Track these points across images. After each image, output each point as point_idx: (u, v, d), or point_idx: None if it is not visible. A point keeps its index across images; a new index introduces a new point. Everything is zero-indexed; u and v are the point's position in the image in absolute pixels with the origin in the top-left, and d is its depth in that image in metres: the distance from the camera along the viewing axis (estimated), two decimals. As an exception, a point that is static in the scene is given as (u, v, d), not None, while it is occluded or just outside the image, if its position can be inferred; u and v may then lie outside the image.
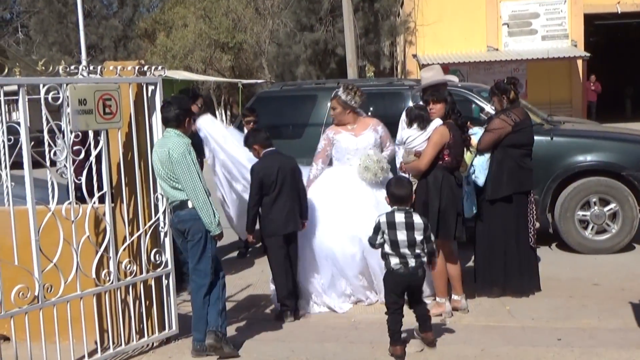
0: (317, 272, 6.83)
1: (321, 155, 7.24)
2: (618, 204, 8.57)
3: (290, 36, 27.18)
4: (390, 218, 5.40)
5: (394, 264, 5.38)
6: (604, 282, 7.41)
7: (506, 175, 6.98)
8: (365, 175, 6.90)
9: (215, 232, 5.47)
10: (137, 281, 5.66)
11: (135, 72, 5.55)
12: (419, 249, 5.38)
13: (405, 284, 5.40)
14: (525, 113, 7.31)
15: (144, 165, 5.69)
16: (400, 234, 5.35)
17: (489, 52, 25.73)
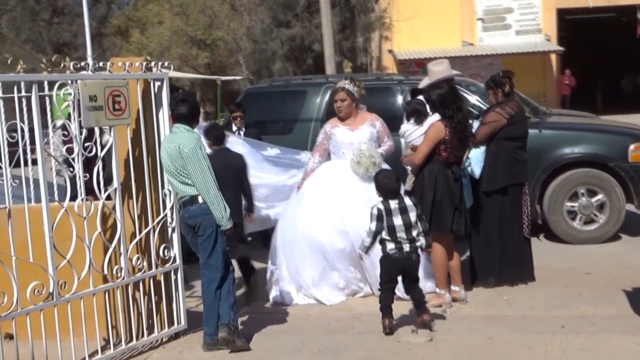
0: (308, 265, 6.87)
1: (319, 149, 7.30)
2: (605, 195, 8.73)
3: (267, 32, 27.11)
4: (386, 205, 5.69)
5: (389, 248, 5.67)
6: (595, 271, 7.55)
7: (501, 168, 7.08)
8: (357, 169, 6.96)
9: (226, 227, 5.49)
10: (147, 277, 5.66)
11: (142, 69, 5.55)
12: (414, 232, 5.68)
13: (400, 267, 5.71)
14: (519, 106, 7.41)
15: (152, 161, 5.68)
16: (397, 219, 5.65)
17: (464, 47, 25.95)
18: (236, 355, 5.54)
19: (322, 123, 9.23)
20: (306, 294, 6.90)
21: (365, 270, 6.86)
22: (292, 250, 6.92)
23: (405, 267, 5.74)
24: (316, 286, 6.88)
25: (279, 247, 7.03)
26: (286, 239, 6.99)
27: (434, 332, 5.75)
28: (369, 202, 6.85)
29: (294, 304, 6.87)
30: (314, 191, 7.10)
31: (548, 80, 26.46)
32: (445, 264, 6.62)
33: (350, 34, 27.77)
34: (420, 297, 5.82)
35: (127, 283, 5.51)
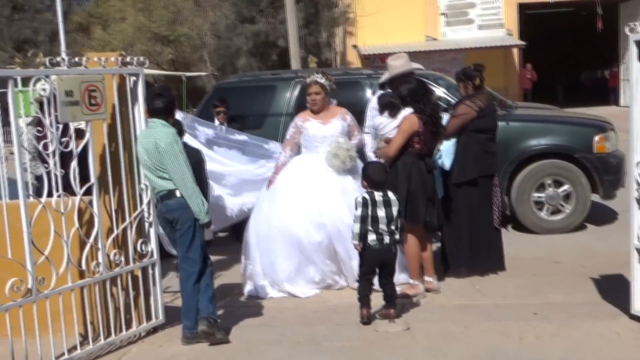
0: (283, 260, 6.87)
1: (289, 142, 7.32)
2: (571, 185, 8.89)
3: (231, 28, 27.01)
4: (371, 196, 5.82)
5: (370, 239, 5.79)
6: (563, 260, 7.70)
7: (471, 159, 7.18)
8: (333, 162, 7.00)
9: (204, 220, 5.50)
10: (125, 272, 5.65)
11: (118, 63, 5.53)
12: (394, 226, 5.82)
13: (380, 258, 5.84)
14: (489, 99, 7.53)
15: (128, 156, 5.67)
16: (380, 211, 5.79)
17: (428, 42, 26.17)
18: (216, 348, 5.56)
19: (291, 117, 9.27)
20: (280, 290, 6.94)
21: (342, 262, 6.90)
22: (267, 246, 6.93)
23: (384, 259, 5.87)
24: (291, 281, 6.90)
25: (252, 243, 7.02)
26: (260, 235, 6.98)
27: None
28: (343, 194, 6.93)
29: (268, 298, 6.90)
30: (288, 185, 7.12)
31: (510, 74, 26.81)
32: (418, 255, 6.71)
33: (315, 30, 27.79)
34: (393, 293, 5.96)
35: (105, 278, 5.50)
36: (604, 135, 8.96)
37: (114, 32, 30.28)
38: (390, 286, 5.97)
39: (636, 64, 5.44)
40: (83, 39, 33.99)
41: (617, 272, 6.81)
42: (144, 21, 29.02)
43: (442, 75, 10.35)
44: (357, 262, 6.38)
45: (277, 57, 26.56)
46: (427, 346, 5.38)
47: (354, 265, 6.69)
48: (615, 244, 7.92)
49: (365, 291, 5.91)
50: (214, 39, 28.69)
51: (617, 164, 8.94)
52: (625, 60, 27.35)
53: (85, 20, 35.87)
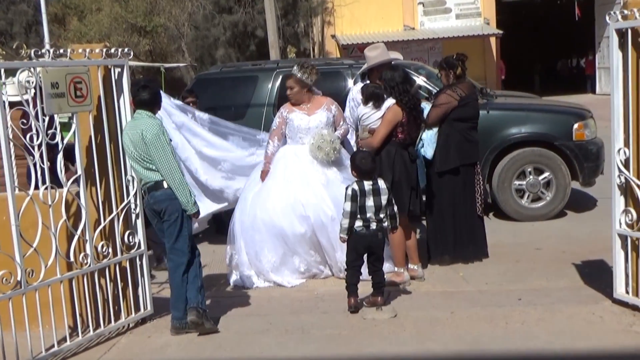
0: (268, 250, 6.91)
1: (276, 132, 7.33)
2: (552, 173, 8.99)
3: (209, 19, 26.84)
4: (360, 186, 5.86)
5: (357, 226, 5.84)
6: (545, 247, 7.81)
7: (453, 148, 7.24)
8: (317, 154, 7.03)
9: (192, 211, 5.52)
10: (112, 263, 5.66)
11: (103, 55, 5.51)
12: (382, 214, 5.87)
13: (367, 243, 5.87)
14: (471, 87, 7.58)
15: (114, 147, 5.67)
16: (369, 200, 5.83)
17: (406, 32, 26.20)
18: (205, 338, 5.59)
19: (273, 108, 9.33)
20: (266, 279, 6.98)
21: (325, 253, 6.95)
22: (252, 236, 6.96)
23: (371, 245, 5.89)
24: (276, 271, 6.94)
25: (237, 233, 7.06)
26: (245, 225, 7.01)
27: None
28: (327, 186, 6.96)
29: (254, 287, 6.94)
30: (272, 177, 7.14)
31: (488, 63, 26.93)
32: (403, 243, 6.76)
33: (293, 20, 27.71)
34: (381, 281, 6.00)
35: (93, 270, 5.50)
36: (583, 123, 9.07)
37: (90, 22, 29.95)
38: (379, 274, 6.01)
39: (616, 52, 5.51)
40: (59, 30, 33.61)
41: (598, 258, 6.93)
42: (120, 11, 28.75)
43: (423, 64, 10.43)
44: (340, 253, 6.53)
45: (256, 47, 26.45)
46: (415, 332, 5.44)
47: (337, 257, 6.78)
48: (595, 230, 8.07)
49: (353, 280, 5.95)
50: (191, 29, 28.52)
51: (597, 151, 9.05)
52: (601, 48, 27.59)
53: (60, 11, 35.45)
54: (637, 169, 5.41)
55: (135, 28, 29.14)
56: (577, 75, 31.52)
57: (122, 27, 28.74)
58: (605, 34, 23.83)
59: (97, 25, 29.10)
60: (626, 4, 5.53)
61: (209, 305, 6.01)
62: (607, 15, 5.56)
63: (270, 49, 21.43)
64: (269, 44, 21.54)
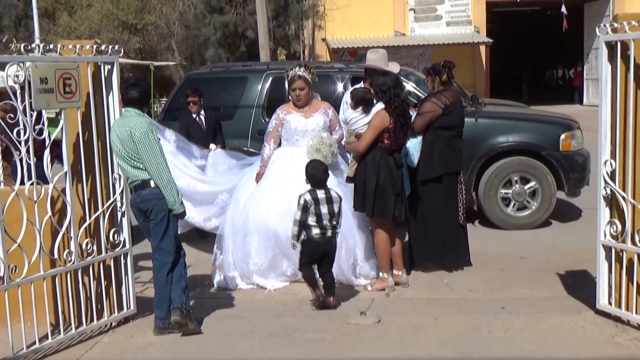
0: (257, 253, 6.87)
1: (273, 134, 7.28)
2: (537, 182, 9.02)
3: (200, 18, 26.79)
4: (313, 195, 6.15)
5: (314, 233, 6.13)
6: (529, 256, 7.83)
7: (437, 156, 7.25)
8: (314, 156, 6.96)
9: (178, 211, 5.50)
10: (96, 261, 5.63)
11: (93, 51, 5.48)
12: (336, 221, 6.19)
13: (322, 250, 6.19)
14: (456, 95, 7.59)
15: (102, 145, 5.64)
16: (323, 208, 6.12)
17: (396, 37, 26.24)
18: (188, 338, 5.57)
19: (262, 110, 9.33)
20: (250, 282, 6.95)
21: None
22: (242, 238, 6.92)
23: (326, 250, 6.21)
24: (261, 274, 6.91)
25: (227, 233, 7.00)
26: (236, 226, 6.97)
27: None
28: None
29: (238, 289, 6.92)
30: (266, 178, 7.10)
31: (477, 71, 27.01)
32: (388, 248, 6.77)
33: (284, 22, 27.71)
34: (332, 282, 6.27)
35: (77, 267, 5.46)
36: (570, 134, 9.11)
37: (80, 18, 29.81)
38: (329, 275, 6.27)
39: (606, 64, 5.54)
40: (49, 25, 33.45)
41: (581, 268, 6.96)
42: (111, 8, 28.65)
43: (413, 70, 10.43)
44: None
45: (246, 48, 26.42)
46: (398, 338, 5.44)
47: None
48: (580, 240, 8.12)
49: (310, 274, 6.25)
50: (182, 28, 28.47)
51: (583, 162, 9.09)
52: (589, 59, 27.76)
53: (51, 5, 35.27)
54: (623, 180, 5.43)
55: (125, 25, 29.08)
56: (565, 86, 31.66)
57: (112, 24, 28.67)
58: (594, 45, 24.08)
59: (87, 21, 28.99)
60: (616, 17, 5.57)
61: (193, 306, 5.99)
62: (597, 28, 5.59)
63: (260, 51, 21.42)
64: (259, 45, 21.53)
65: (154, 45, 32.43)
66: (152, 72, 20.67)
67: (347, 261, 6.85)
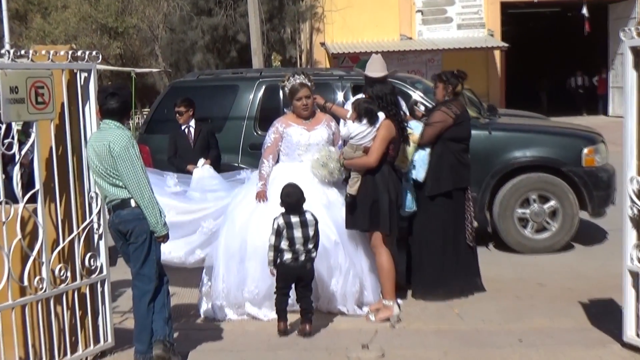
0: (252, 281, 6.83)
1: (271, 150, 7.25)
2: (558, 201, 9.03)
3: (186, 21, 26.95)
4: (287, 219, 6.34)
5: (286, 258, 6.34)
6: (549, 282, 7.83)
7: (446, 170, 7.29)
8: (320, 172, 6.96)
9: (160, 233, 5.51)
10: (70, 289, 5.62)
11: (68, 58, 5.51)
12: (311, 245, 6.36)
13: (296, 274, 6.38)
14: (463, 106, 7.66)
15: (77, 160, 5.66)
16: (297, 232, 6.31)
17: (403, 41, 26.35)
18: (171, 375, 5.57)
19: (255, 122, 9.35)
20: (241, 312, 6.93)
21: (320, 282, 6.79)
22: (238, 264, 6.87)
23: (299, 275, 6.39)
24: (255, 303, 6.89)
25: (219, 258, 6.97)
26: (231, 251, 6.92)
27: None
28: (329, 207, 6.93)
29: (227, 320, 6.90)
30: (266, 200, 7.07)
31: (491, 78, 27.09)
32: (393, 271, 6.77)
33: (278, 25, 27.86)
34: (308, 307, 6.43)
35: (49, 296, 5.45)
36: (593, 148, 9.14)
37: (55, 21, 30.00)
38: (306, 300, 6.41)
39: (631, 71, 5.56)
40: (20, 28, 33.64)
41: (607, 296, 6.95)
42: (89, 10, 28.81)
43: (420, 78, 10.47)
44: (336, 280, 6.70)
45: (237, 53, 26.56)
46: (404, 374, 5.44)
47: (332, 284, 6.78)
48: (605, 265, 8.12)
49: (282, 305, 6.43)
50: (166, 32, 28.62)
51: (607, 178, 9.11)
52: (614, 66, 27.82)
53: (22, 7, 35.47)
54: (651, 200, 5.45)
55: (105, 29, 29.23)
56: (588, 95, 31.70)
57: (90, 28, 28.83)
58: (620, 50, 24.11)
59: (62, 25, 29.15)
60: (642, 19, 5.60)
61: (177, 338, 5.99)
62: (621, 32, 5.61)
63: (252, 56, 21.50)
64: (251, 50, 21.61)
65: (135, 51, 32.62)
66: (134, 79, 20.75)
67: (353, 288, 6.84)
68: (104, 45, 27.77)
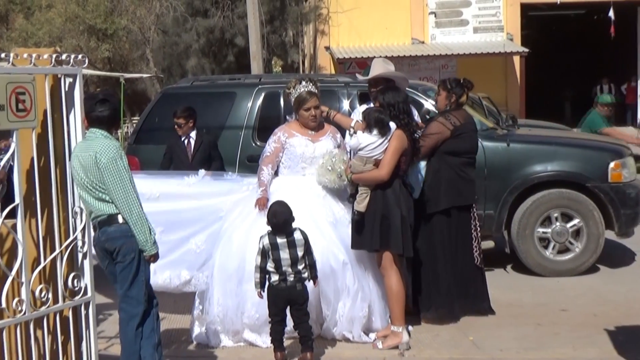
0: (253, 304, 6.77)
1: (271, 159, 7.26)
2: (582, 220, 9.05)
3: (180, 22, 27.06)
4: (272, 240, 6.34)
5: (273, 280, 6.36)
6: (572, 308, 7.85)
7: (444, 186, 7.32)
8: (329, 177, 6.95)
9: (150, 252, 5.52)
10: (52, 312, 5.61)
11: (52, 61, 5.52)
12: (301, 266, 6.34)
13: (285, 297, 6.37)
14: (467, 117, 7.63)
15: (61, 172, 5.66)
16: (283, 253, 6.30)
17: (414, 46, 26.37)
18: (160, 406, 5.57)
19: (253, 132, 9.38)
20: (237, 339, 6.92)
21: (325, 305, 6.83)
22: (237, 286, 6.85)
23: (290, 297, 6.37)
24: (256, 330, 6.87)
25: (215, 279, 6.96)
26: (229, 272, 6.90)
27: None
28: (336, 225, 6.94)
29: (222, 346, 6.90)
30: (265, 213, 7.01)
31: (511, 86, 27.06)
32: (403, 294, 6.78)
33: (280, 27, 27.94)
34: (307, 334, 6.40)
35: (29, 319, 5.45)
36: (620, 162, 9.16)
37: (39, 21, 30.16)
38: (304, 326, 6.37)
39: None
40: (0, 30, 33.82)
41: (634, 323, 6.98)
42: (76, 10, 28.94)
43: (433, 85, 10.49)
44: (343, 303, 6.70)
45: (234, 58, 26.63)
46: (414, 407, 5.44)
47: (339, 308, 6.78)
48: (633, 290, 8.14)
49: (277, 335, 6.42)
50: (158, 34, 28.73)
51: (636, 195, 9.13)
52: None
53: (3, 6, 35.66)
54: (683, 219, 5.45)
55: (93, 30, 29.34)
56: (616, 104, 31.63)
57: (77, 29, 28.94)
58: (651, 56, 24.13)
59: (47, 25, 29.27)
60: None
61: (167, 366, 6.00)
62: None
63: (251, 61, 21.54)
64: (250, 54, 21.66)
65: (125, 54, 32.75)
66: (123, 85, 20.79)
67: (360, 313, 6.84)
68: (91, 48, 27.91)
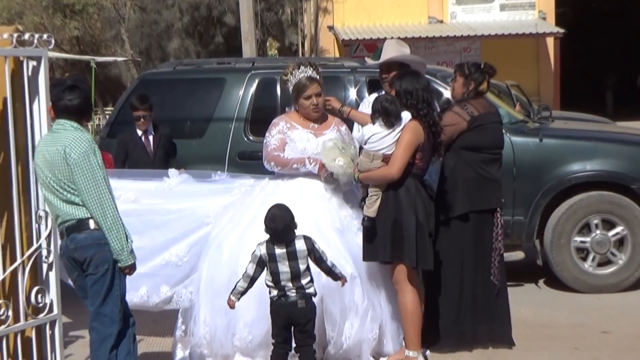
0: (246, 323, 6.78)
1: (278, 152, 7.17)
2: (626, 227, 9.01)
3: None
4: (270, 250, 6.19)
5: (272, 295, 6.24)
6: (614, 330, 7.83)
7: (461, 187, 7.22)
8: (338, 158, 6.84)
9: (126, 263, 5.51)
10: (12, 331, 5.63)
11: (13, 42, 5.53)
12: (305, 280, 6.18)
13: (285, 314, 6.22)
14: (488, 106, 7.51)
15: (22, 170, 5.68)
16: (282, 266, 6.15)
17: (432, 25, 26.41)
18: None
19: (245, 124, 9.36)
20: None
21: (330, 322, 6.76)
22: (225, 304, 6.85)
23: (290, 315, 6.22)
24: (248, 353, 6.85)
25: (201, 294, 6.94)
26: (217, 285, 6.84)
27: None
28: (344, 234, 6.92)
29: None
30: (260, 219, 6.95)
31: (543, 72, 27.07)
32: (419, 315, 6.73)
33: (276, 4, 27.98)
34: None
35: (-15, 340, 5.48)
36: (672, 161, 9.15)
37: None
38: (306, 350, 6.25)
39: None
40: (-48, 5, 33.90)
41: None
42: (38, -18, 29.07)
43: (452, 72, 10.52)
44: (350, 323, 6.66)
45: (223, 39, 26.71)
46: None
47: (345, 328, 6.75)
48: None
49: (276, 357, 6.29)
50: (135, 11, 28.78)
51: (690, 199, 9.11)
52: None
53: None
54: None
55: (58, 6, 29.38)
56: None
57: (40, 4, 28.96)
58: None
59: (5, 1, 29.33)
60: None
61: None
62: None
63: (243, 42, 21.59)
64: (241, 35, 21.70)
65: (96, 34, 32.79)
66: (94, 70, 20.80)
67: (370, 334, 6.83)
68: (56, 27, 27.95)
